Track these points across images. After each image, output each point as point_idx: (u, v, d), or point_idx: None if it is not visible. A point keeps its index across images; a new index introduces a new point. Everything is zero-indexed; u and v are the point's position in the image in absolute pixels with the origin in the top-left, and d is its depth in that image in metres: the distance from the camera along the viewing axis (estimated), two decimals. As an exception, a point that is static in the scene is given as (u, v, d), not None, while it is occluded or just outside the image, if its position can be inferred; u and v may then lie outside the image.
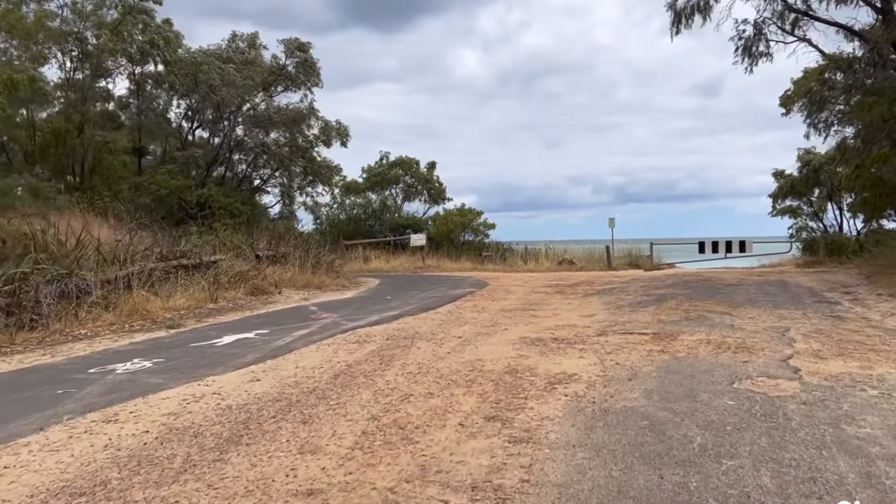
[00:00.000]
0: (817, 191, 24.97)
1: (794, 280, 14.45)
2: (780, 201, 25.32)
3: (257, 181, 23.23)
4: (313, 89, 21.69)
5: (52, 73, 18.51)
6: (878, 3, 13.99)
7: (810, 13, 14.96)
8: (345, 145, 23.05)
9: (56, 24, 17.10)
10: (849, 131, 17.13)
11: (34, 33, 16.10)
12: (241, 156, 21.87)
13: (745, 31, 16.12)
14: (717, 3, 15.66)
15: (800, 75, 18.91)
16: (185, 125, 21.52)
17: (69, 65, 18.15)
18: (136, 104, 20.33)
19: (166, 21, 19.24)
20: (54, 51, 17.50)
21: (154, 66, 19.68)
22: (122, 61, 19.08)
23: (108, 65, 18.81)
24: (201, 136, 21.82)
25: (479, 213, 27.51)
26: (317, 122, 22.15)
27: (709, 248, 21.96)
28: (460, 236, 26.51)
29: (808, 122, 17.76)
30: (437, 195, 30.36)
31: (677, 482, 3.17)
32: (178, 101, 20.81)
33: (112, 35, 17.20)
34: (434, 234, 26.27)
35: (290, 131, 21.41)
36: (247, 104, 19.94)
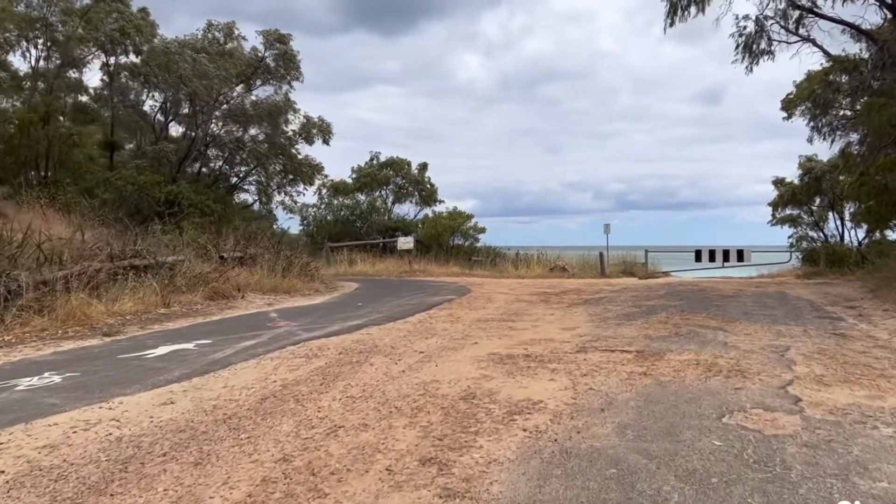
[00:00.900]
0: (818, 199, 24.31)
1: (794, 292, 13.69)
2: (779, 210, 24.65)
3: (234, 179, 22.43)
4: (293, 83, 20.91)
5: (21, 62, 17.74)
6: (889, 0, 13.23)
7: (815, 10, 14.19)
8: (327, 143, 22.27)
9: (21, 10, 16.25)
10: (853, 137, 16.39)
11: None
12: (217, 152, 21.03)
13: (745, 27, 15.40)
14: None
15: (802, 78, 18.22)
16: (161, 119, 20.69)
17: (35, 53, 17.37)
18: (107, 95, 19.44)
19: (142, 10, 18.45)
20: (20, 38, 16.65)
21: (126, 56, 18.88)
22: (95, 51, 18.27)
23: (80, 54, 17.98)
24: (177, 131, 21.03)
25: (469, 217, 26.77)
26: (295, 117, 21.38)
27: (706, 256, 21.23)
28: (450, 240, 25.71)
29: (811, 125, 17.00)
30: (428, 197, 29.61)
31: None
32: (152, 93, 19.98)
33: (82, 22, 16.39)
34: (422, 237, 25.48)
35: (272, 126, 20.59)
36: (222, 97, 19.08)
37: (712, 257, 21.03)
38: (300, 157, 22.02)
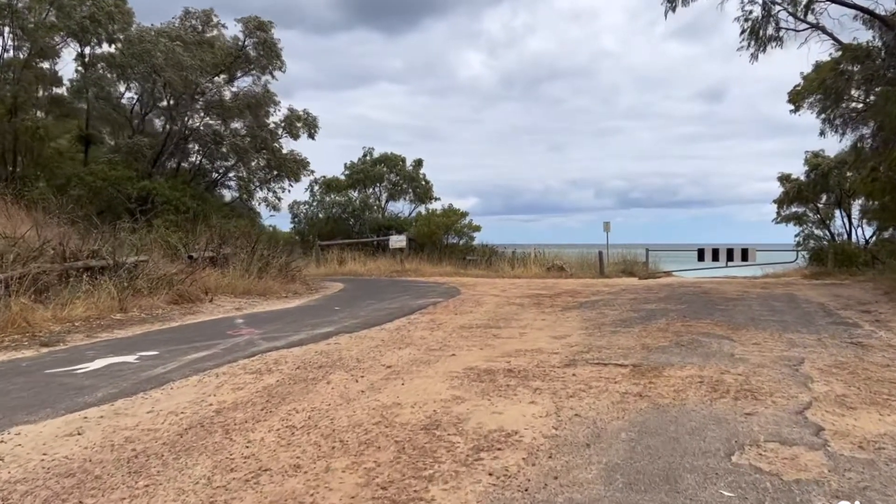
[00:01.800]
0: (824, 197, 23.53)
1: (803, 294, 12.92)
2: (785, 207, 23.85)
3: (215, 175, 21.57)
4: (275, 73, 20.07)
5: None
6: (908, -16, 12.44)
7: (827, -7, 13.36)
8: (312, 137, 21.43)
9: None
10: (865, 131, 15.55)
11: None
12: (196, 146, 20.19)
13: (751, 11, 14.57)
14: None
15: (809, 70, 17.39)
16: (139, 112, 19.81)
17: (1, 42, 16.50)
18: (78, 85, 18.54)
19: (120, -6, 17.60)
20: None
21: (99, 45, 18.00)
22: (68, 40, 17.46)
23: (51, 43, 17.14)
24: (157, 125, 20.14)
25: (464, 214, 25.99)
26: (275, 109, 20.53)
27: (709, 255, 20.49)
28: (444, 238, 24.93)
29: (822, 117, 16.14)
30: (423, 194, 28.83)
31: None
32: (128, 84, 19.13)
33: (52, 9, 15.57)
34: (415, 235, 24.70)
35: (255, 119, 19.75)
36: (201, 89, 18.23)
37: (715, 256, 20.31)
38: (285, 151, 21.21)
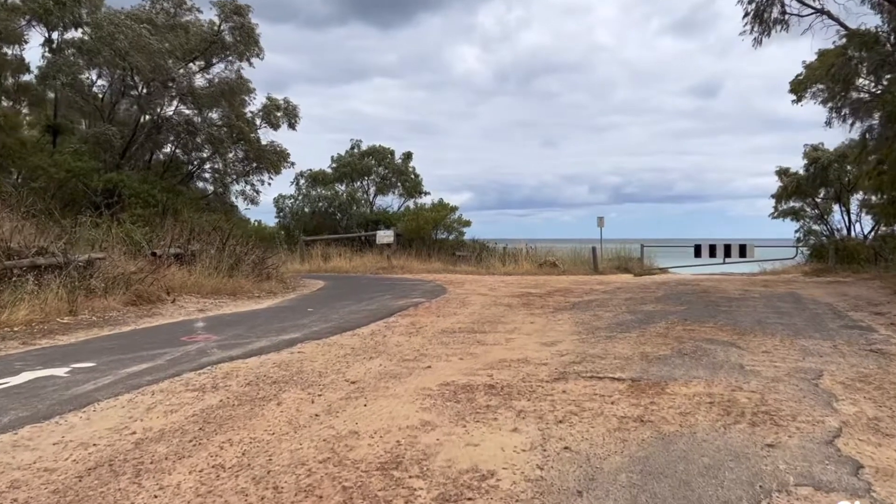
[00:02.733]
0: (823, 191, 22.93)
1: (808, 293, 12.26)
2: (783, 202, 23.24)
3: (190, 167, 20.68)
4: (252, 60, 19.16)
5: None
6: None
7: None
8: (293, 127, 20.57)
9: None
10: (873, 122, 14.86)
11: None
12: (171, 136, 19.28)
13: None
14: None
15: (813, 58, 16.69)
16: (109, 100, 18.88)
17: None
18: (45, 72, 17.62)
19: (89, -23, 16.68)
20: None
21: (66, 30, 17.05)
22: (34, 24, 16.55)
23: (15, 26, 16.23)
24: (128, 114, 19.19)
25: (454, 209, 25.25)
26: (251, 98, 19.64)
27: (706, 251, 19.86)
28: (433, 233, 24.16)
29: (830, 105, 15.43)
30: (412, 188, 28.05)
31: None
32: (99, 71, 18.20)
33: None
34: (404, 230, 23.93)
35: (230, 107, 18.86)
36: (172, 75, 17.31)
37: (713, 252, 19.70)
38: (265, 142, 20.31)
